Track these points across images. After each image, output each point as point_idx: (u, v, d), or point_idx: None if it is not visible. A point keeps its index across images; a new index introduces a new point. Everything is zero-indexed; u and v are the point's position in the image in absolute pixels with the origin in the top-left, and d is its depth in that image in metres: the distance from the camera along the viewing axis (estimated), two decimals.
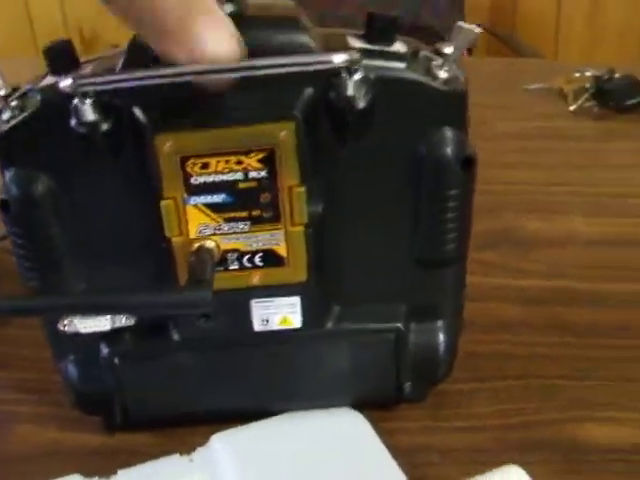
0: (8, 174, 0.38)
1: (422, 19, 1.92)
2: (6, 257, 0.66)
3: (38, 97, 0.37)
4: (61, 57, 0.37)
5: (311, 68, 0.33)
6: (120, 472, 0.42)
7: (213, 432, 0.44)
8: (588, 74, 0.98)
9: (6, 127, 0.37)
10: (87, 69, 0.38)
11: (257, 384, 0.44)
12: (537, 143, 0.86)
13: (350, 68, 0.34)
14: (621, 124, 0.90)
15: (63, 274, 0.41)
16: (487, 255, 0.61)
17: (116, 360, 0.43)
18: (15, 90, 0.38)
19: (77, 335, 0.42)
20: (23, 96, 0.38)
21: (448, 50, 0.38)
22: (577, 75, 0.99)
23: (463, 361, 0.47)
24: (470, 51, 1.91)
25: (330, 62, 0.33)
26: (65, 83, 0.33)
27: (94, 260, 0.40)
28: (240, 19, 0.35)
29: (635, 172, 0.77)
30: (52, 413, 0.48)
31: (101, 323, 0.41)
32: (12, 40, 2.32)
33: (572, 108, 0.94)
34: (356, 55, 0.33)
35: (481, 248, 0.42)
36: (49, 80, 0.38)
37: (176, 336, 0.42)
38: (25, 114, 0.37)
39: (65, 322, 0.42)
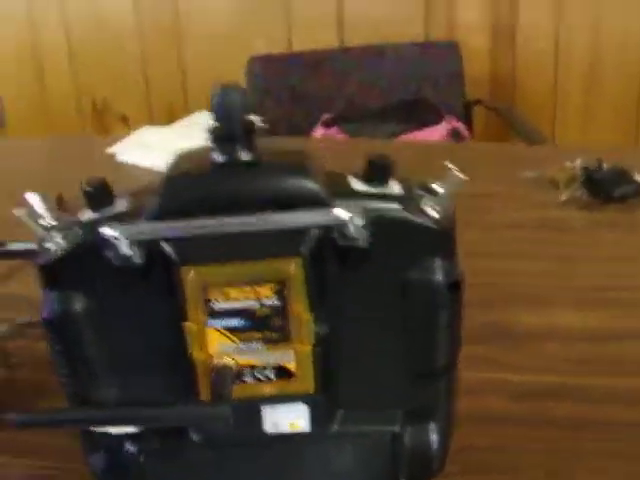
0: (50, 295, 0.44)
1: (423, 93, 2.00)
2: (34, 345, 0.72)
3: (80, 232, 0.42)
4: (98, 195, 0.43)
5: (320, 221, 0.39)
6: None
7: None
8: (578, 163, 1.04)
9: (51, 257, 0.42)
10: (122, 205, 0.43)
11: None
12: (528, 233, 0.91)
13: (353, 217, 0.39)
14: (606, 214, 0.95)
15: (97, 382, 0.46)
16: (478, 349, 0.65)
17: (141, 458, 0.47)
18: (58, 220, 0.44)
19: (107, 434, 0.47)
20: (65, 229, 0.43)
21: (438, 189, 0.43)
22: (568, 164, 1.05)
23: (454, 455, 0.51)
24: (470, 124, 1.99)
25: (338, 218, 0.39)
26: (108, 232, 0.38)
27: (125, 371, 0.45)
28: (256, 167, 0.41)
29: (621, 265, 0.82)
30: None
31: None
32: (25, 110, 2.40)
33: (563, 198, 0.99)
34: (358, 209, 0.39)
35: (472, 342, 0.47)
36: (89, 215, 0.43)
37: (195, 437, 0.47)
38: (68, 246, 0.42)
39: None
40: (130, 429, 0.46)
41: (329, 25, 2.22)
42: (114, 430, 0.46)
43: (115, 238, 0.39)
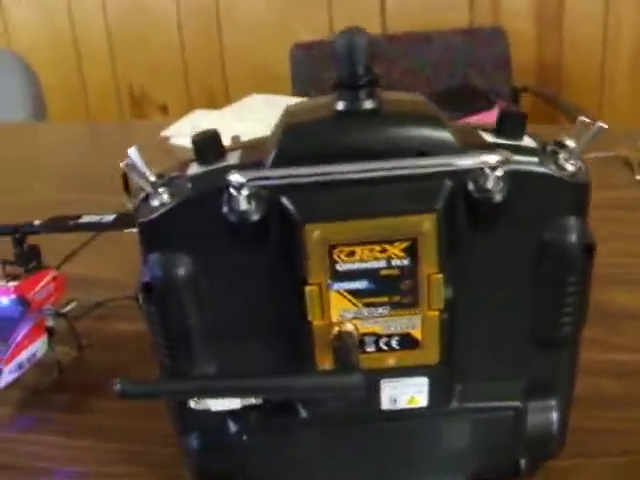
0: (152, 257, 0.40)
1: (470, 80, 1.96)
2: (102, 325, 0.69)
3: (189, 185, 0.39)
4: (209, 147, 0.40)
5: (464, 166, 0.36)
6: None
7: None
8: None
9: (156, 214, 0.39)
10: (233, 159, 0.40)
11: (380, 460, 0.45)
12: (607, 213, 0.87)
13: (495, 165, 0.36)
14: None
15: (195, 353, 0.42)
16: None
17: (245, 437, 0.44)
18: (160, 177, 0.41)
19: (204, 412, 0.44)
20: (171, 183, 0.40)
21: (571, 144, 0.40)
22: None
23: (568, 437, 0.48)
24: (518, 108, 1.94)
25: (484, 162, 0.35)
26: (237, 178, 0.35)
27: (226, 342, 0.42)
28: (381, 115, 0.38)
29: None
30: None
31: (232, 402, 0.43)
32: (63, 99, 2.39)
33: (638, 177, 0.95)
34: (508, 155, 0.35)
35: None
36: (197, 169, 0.40)
37: (304, 414, 0.44)
38: (175, 202, 0.39)
39: (195, 399, 0.43)
40: (233, 404, 0.43)
41: (371, 12, 2.19)
42: (214, 405, 0.43)
43: (238, 187, 0.36)
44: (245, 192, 0.37)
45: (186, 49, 2.37)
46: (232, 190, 0.36)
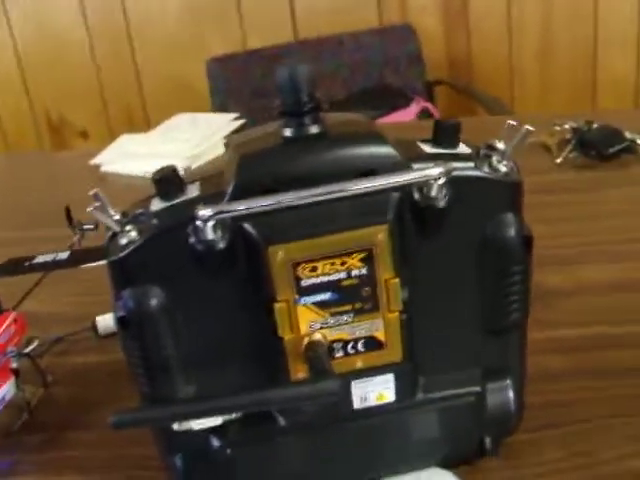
0: (125, 293, 0.43)
1: (386, 78, 2.01)
2: (64, 360, 0.70)
3: (154, 221, 0.42)
4: (169, 183, 0.42)
5: (410, 180, 0.39)
6: None
7: None
8: (567, 126, 1.05)
9: (126, 251, 0.41)
10: (192, 192, 0.43)
11: (357, 456, 0.48)
12: (532, 198, 0.92)
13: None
14: (604, 172, 0.97)
15: (174, 379, 0.45)
16: None
17: (228, 450, 0.47)
18: (124, 215, 0.43)
19: (187, 432, 0.46)
20: (136, 220, 0.42)
21: (501, 147, 0.44)
22: (557, 128, 1.07)
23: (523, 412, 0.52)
24: (434, 104, 2.00)
25: (428, 175, 0.39)
26: (204, 212, 0.38)
27: (203, 366, 0.45)
28: (327, 139, 0.41)
29: (626, 218, 0.84)
30: None
31: (213, 419, 0.45)
32: None
33: (558, 161, 1.01)
34: (449, 166, 0.39)
35: None
36: (159, 204, 0.42)
37: (282, 422, 0.46)
38: (144, 238, 0.41)
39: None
40: (213, 421, 0.46)
41: (282, 20, 2.22)
42: (196, 425, 0.46)
43: (205, 220, 0.38)
44: (211, 223, 0.39)
45: (101, 70, 2.36)
46: (198, 222, 0.39)
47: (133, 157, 1.24)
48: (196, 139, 1.24)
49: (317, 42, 2.07)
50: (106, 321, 0.74)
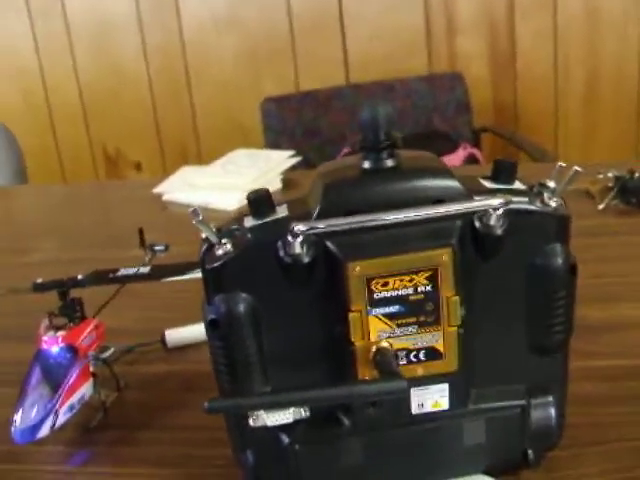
0: (218, 297, 0.49)
1: (433, 124, 2.07)
2: (135, 368, 0.76)
3: (249, 235, 0.48)
4: (263, 203, 0.48)
5: (475, 208, 0.45)
6: None
7: None
8: (610, 175, 1.11)
9: (222, 261, 0.48)
10: (282, 212, 0.49)
11: (413, 458, 0.53)
12: (576, 241, 0.96)
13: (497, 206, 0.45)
14: None
15: (253, 378, 0.50)
16: None
17: (297, 447, 0.52)
18: (219, 230, 0.49)
19: (259, 429, 0.51)
20: (231, 235, 0.48)
21: (552, 184, 0.49)
22: (600, 176, 1.12)
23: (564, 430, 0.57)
24: (480, 150, 2.06)
25: (490, 205, 0.45)
26: (299, 227, 0.44)
27: (281, 366, 0.50)
28: (401, 172, 0.47)
29: None
30: None
31: (286, 416, 0.50)
32: (39, 160, 2.45)
33: (601, 207, 1.06)
34: (508, 198, 0.45)
35: None
36: (253, 221, 0.49)
37: (346, 422, 0.52)
38: (239, 250, 0.48)
39: (253, 417, 0.51)
40: (286, 419, 0.51)
41: (335, 64, 2.31)
42: (270, 421, 0.51)
43: (296, 235, 0.45)
44: (299, 239, 0.45)
45: (157, 108, 2.47)
46: (289, 237, 0.45)
47: (194, 188, 1.31)
48: (255, 173, 1.31)
49: (369, 86, 2.15)
50: (174, 335, 0.80)
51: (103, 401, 0.70)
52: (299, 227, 0.44)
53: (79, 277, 0.70)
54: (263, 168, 1.33)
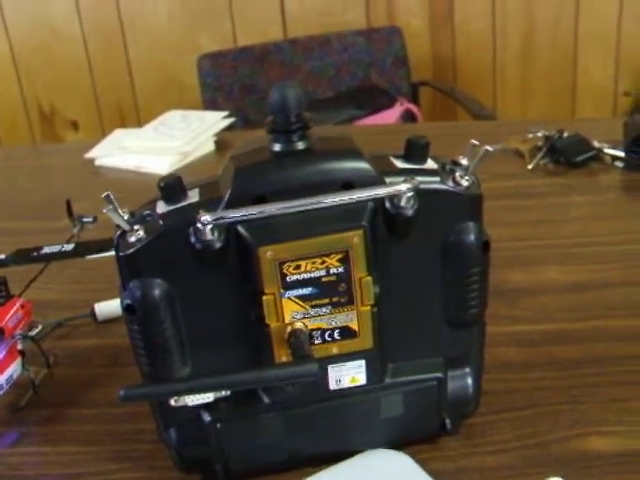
0: (132, 283, 0.49)
1: (371, 79, 2.07)
2: (65, 343, 0.76)
3: (160, 222, 0.48)
4: (174, 189, 0.48)
5: (383, 194, 0.45)
6: None
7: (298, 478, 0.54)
8: (540, 134, 1.12)
9: (134, 248, 0.47)
10: (193, 197, 0.49)
11: (331, 432, 0.54)
12: (502, 202, 0.99)
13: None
14: (572, 179, 1.04)
15: (172, 361, 0.51)
16: None
17: (218, 425, 0.53)
18: (132, 214, 0.49)
19: (182, 408, 0.52)
20: (143, 221, 0.48)
21: (464, 163, 0.50)
22: (530, 136, 1.13)
23: (481, 398, 0.59)
24: (418, 105, 2.07)
25: (398, 190, 0.45)
26: (205, 217, 0.44)
27: (198, 347, 0.51)
28: (312, 154, 0.47)
29: (590, 223, 0.91)
30: (151, 477, 0.58)
31: (206, 396, 0.51)
32: None
33: (530, 167, 1.08)
34: (415, 182, 0.45)
35: None
36: (164, 207, 0.48)
37: (267, 400, 0.53)
38: (151, 237, 0.47)
39: (175, 398, 0.52)
40: (206, 398, 0.52)
41: (272, 19, 2.28)
42: (191, 401, 0.52)
43: (205, 224, 0.45)
44: (210, 226, 0.45)
45: (92, 64, 2.41)
46: (199, 225, 0.45)
47: (126, 152, 1.29)
48: (187, 135, 1.30)
49: (305, 41, 2.13)
50: (104, 308, 0.80)
51: (32, 379, 0.69)
52: (205, 217, 0.44)
53: (1, 257, 0.69)
54: (196, 130, 1.31)
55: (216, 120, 1.36)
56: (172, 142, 1.29)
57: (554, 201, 0.98)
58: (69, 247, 0.70)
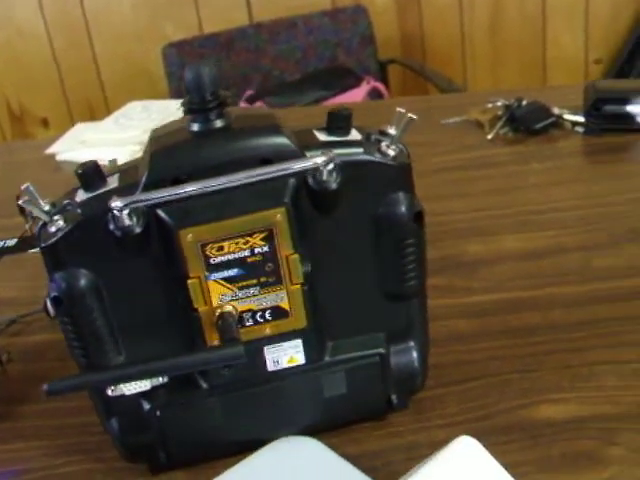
0: (57, 275, 0.47)
1: (338, 59, 2.05)
2: (17, 340, 0.75)
3: (78, 210, 0.46)
4: (92, 176, 0.47)
5: (299, 168, 0.44)
6: None
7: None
8: (499, 104, 1.11)
9: (55, 238, 0.46)
10: (112, 183, 0.47)
11: (272, 413, 0.54)
12: (461, 173, 0.98)
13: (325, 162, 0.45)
14: (532, 147, 1.03)
15: (105, 350, 0.50)
16: (436, 280, 0.71)
17: (157, 412, 0.52)
18: (54, 205, 0.48)
19: (121, 397, 0.51)
20: (63, 210, 0.47)
21: (392, 132, 0.49)
22: (490, 106, 1.12)
23: (430, 371, 0.58)
24: (387, 83, 2.05)
25: (315, 163, 0.44)
26: (117, 203, 0.43)
27: (130, 335, 0.50)
28: (230, 132, 0.46)
29: (549, 189, 0.90)
30: (99, 468, 0.57)
31: (142, 384, 0.51)
32: None
33: (489, 137, 1.07)
34: (331, 154, 0.44)
35: (430, 275, 0.53)
36: (83, 195, 0.47)
37: (204, 385, 0.52)
38: (69, 226, 0.46)
39: (112, 387, 0.51)
40: (143, 386, 0.51)
41: (237, 4, 2.25)
42: (127, 390, 0.51)
43: (119, 209, 0.43)
44: (126, 211, 0.44)
45: (58, 60, 2.38)
46: (115, 211, 0.44)
47: (87, 145, 1.27)
48: (146, 125, 1.28)
49: (271, 25, 2.11)
50: None
51: None
52: (117, 203, 0.43)
53: None
54: (156, 119, 1.30)
55: (177, 108, 1.34)
56: (132, 133, 1.27)
57: (514, 169, 0.97)
58: (12, 242, 0.69)
